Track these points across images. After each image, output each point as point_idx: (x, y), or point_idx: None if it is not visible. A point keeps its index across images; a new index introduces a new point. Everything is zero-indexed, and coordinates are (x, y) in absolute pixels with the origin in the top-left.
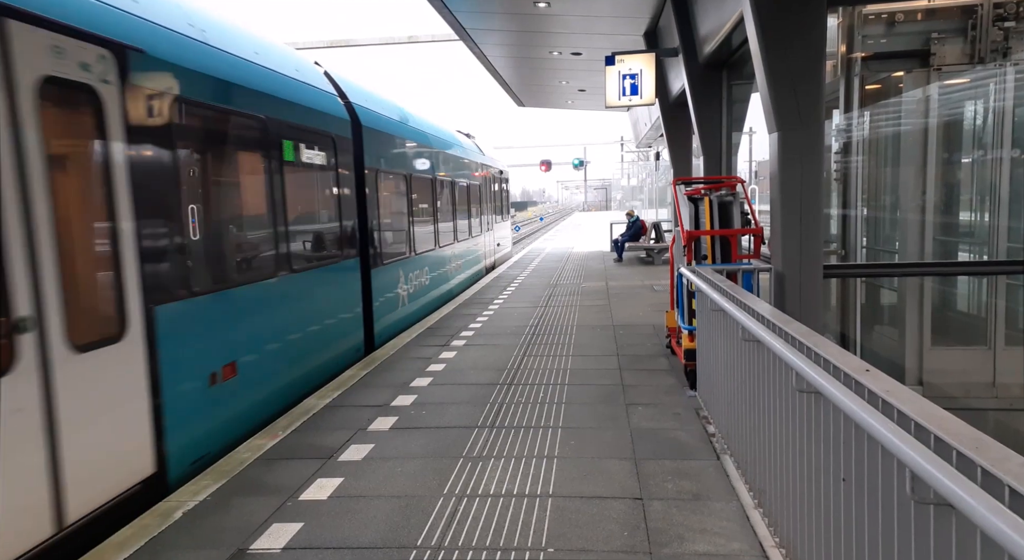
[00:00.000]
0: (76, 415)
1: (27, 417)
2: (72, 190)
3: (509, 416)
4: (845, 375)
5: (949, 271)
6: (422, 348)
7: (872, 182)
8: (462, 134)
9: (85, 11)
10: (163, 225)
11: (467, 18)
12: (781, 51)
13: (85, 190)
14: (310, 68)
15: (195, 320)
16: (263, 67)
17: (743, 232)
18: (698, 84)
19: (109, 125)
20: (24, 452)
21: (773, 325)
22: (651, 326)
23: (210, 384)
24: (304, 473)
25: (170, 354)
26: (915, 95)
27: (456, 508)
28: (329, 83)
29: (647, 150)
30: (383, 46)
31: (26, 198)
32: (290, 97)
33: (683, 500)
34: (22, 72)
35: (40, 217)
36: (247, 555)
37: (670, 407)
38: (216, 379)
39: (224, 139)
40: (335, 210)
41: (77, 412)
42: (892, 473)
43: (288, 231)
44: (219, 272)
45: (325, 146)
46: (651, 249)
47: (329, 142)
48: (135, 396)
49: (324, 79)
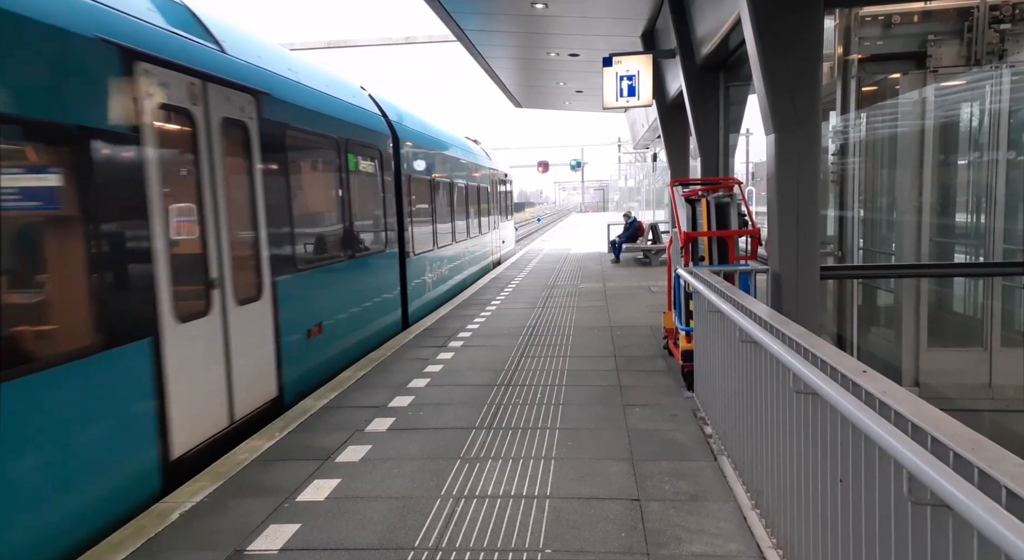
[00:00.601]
0: (238, 347)
1: (215, 344)
2: (236, 196)
3: (507, 417)
4: (842, 376)
5: (945, 272)
6: (420, 349)
7: (869, 184)
8: (470, 140)
9: (242, 70)
10: (281, 220)
11: (465, 19)
12: (778, 53)
13: (241, 196)
14: (361, 93)
15: (297, 289)
16: (334, 97)
17: (740, 233)
18: (695, 85)
19: (252, 150)
20: (214, 367)
21: (770, 326)
22: (648, 327)
23: (307, 337)
24: (301, 474)
25: (285, 313)
26: (911, 97)
27: (454, 509)
28: (373, 104)
29: (644, 151)
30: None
31: (216, 202)
32: (350, 120)
33: (680, 501)
34: (213, 115)
35: (222, 216)
36: (244, 556)
37: (667, 408)
38: (311, 334)
39: (312, 155)
40: (382, 209)
41: (239, 345)
42: (889, 474)
43: (351, 226)
44: (309, 255)
45: (374, 157)
46: (648, 250)
47: (376, 154)
48: (266, 340)
49: (370, 101)
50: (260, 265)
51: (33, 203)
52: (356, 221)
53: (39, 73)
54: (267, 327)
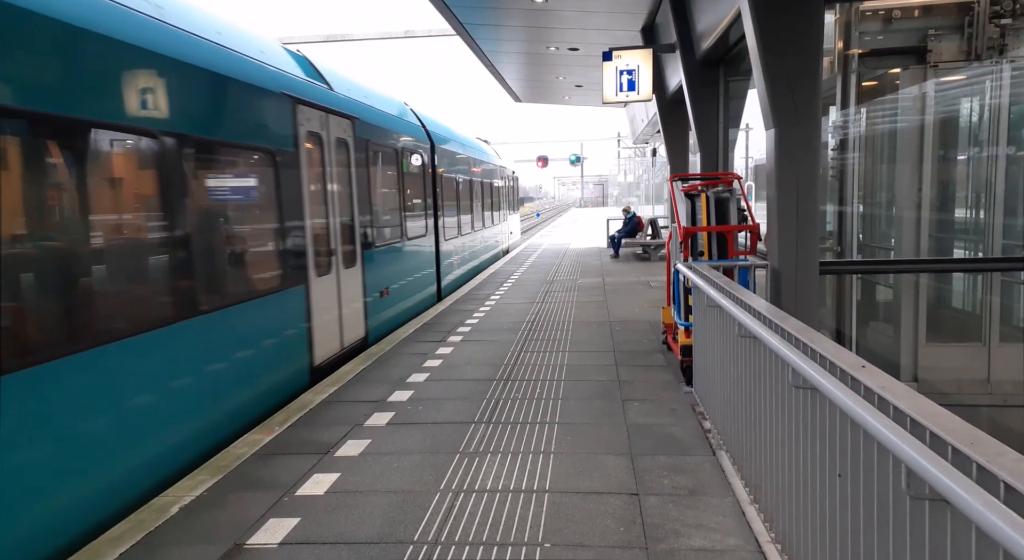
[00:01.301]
0: (345, 298)
1: (333, 294)
2: (342, 192)
3: (505, 412)
4: (841, 371)
5: (944, 268)
6: (419, 344)
7: (868, 179)
8: (482, 141)
9: (344, 103)
10: (366, 210)
11: (464, 13)
12: (778, 47)
13: (345, 192)
14: (407, 109)
15: (376, 261)
16: (393, 116)
17: (740, 228)
18: (695, 80)
19: (350, 159)
20: (332, 310)
21: (769, 321)
22: (647, 322)
23: (380, 297)
24: (301, 468)
25: (368, 277)
26: (911, 92)
27: (453, 503)
28: (415, 117)
29: (644, 146)
30: (380, 41)
31: (332, 196)
32: (404, 132)
33: (679, 496)
34: (332, 136)
35: (335, 206)
36: (243, 550)
37: (666, 403)
38: (382, 295)
39: (382, 161)
40: (423, 203)
41: (345, 297)
42: (888, 469)
43: (404, 215)
44: (382, 237)
45: (418, 161)
46: (648, 245)
47: (420, 158)
48: (359, 295)
49: (413, 115)
50: (355, 242)
51: (251, 196)
52: (408, 212)
53: (270, 121)
54: (359, 286)
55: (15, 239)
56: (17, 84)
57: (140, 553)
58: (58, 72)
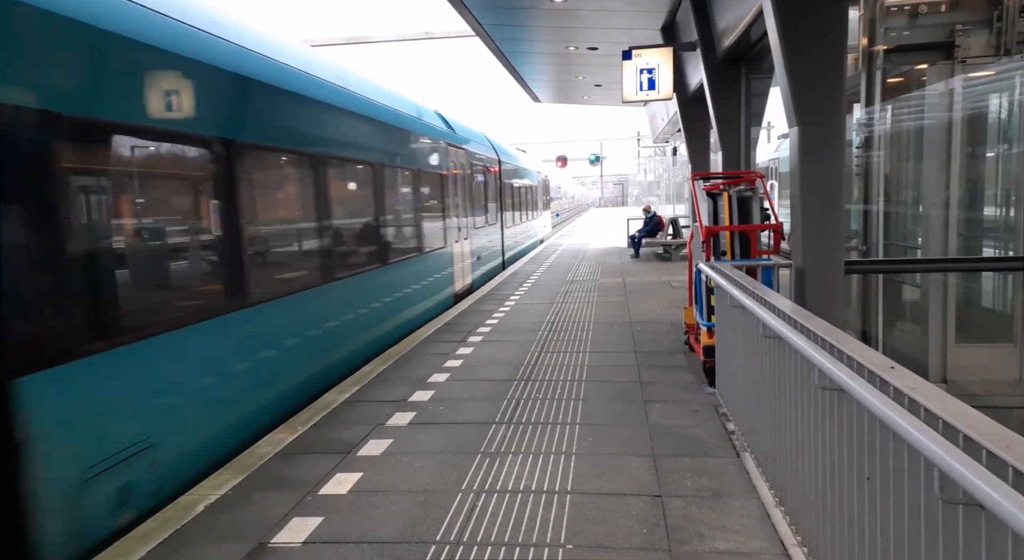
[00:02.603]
0: (464, 258)
1: (459, 255)
2: (463, 192)
3: (526, 412)
4: (869, 372)
5: (973, 267)
6: (439, 344)
7: (894, 177)
8: (521, 151)
9: (462, 140)
10: (470, 205)
11: (484, 14)
12: (801, 45)
13: (464, 192)
14: (484, 135)
15: (476, 236)
16: (479, 142)
17: (763, 228)
18: (716, 78)
19: (463, 174)
20: (459, 264)
21: (794, 321)
22: (669, 322)
23: (476, 260)
24: (323, 468)
25: (472, 247)
26: (938, 88)
27: (475, 504)
28: (488, 141)
29: (664, 145)
30: (399, 42)
31: (455, 201)
32: (487, 153)
33: (703, 497)
34: (456, 160)
35: (461, 200)
36: (268, 549)
37: (689, 404)
38: (478, 260)
39: (481, 173)
40: (497, 201)
41: (464, 257)
42: (919, 472)
43: (487, 209)
44: (475, 223)
45: (494, 172)
46: (669, 245)
47: (493, 170)
48: (469, 257)
49: (486, 139)
50: (467, 225)
51: (433, 198)
52: (489, 205)
53: (440, 157)
54: (469, 253)
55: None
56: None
57: (167, 550)
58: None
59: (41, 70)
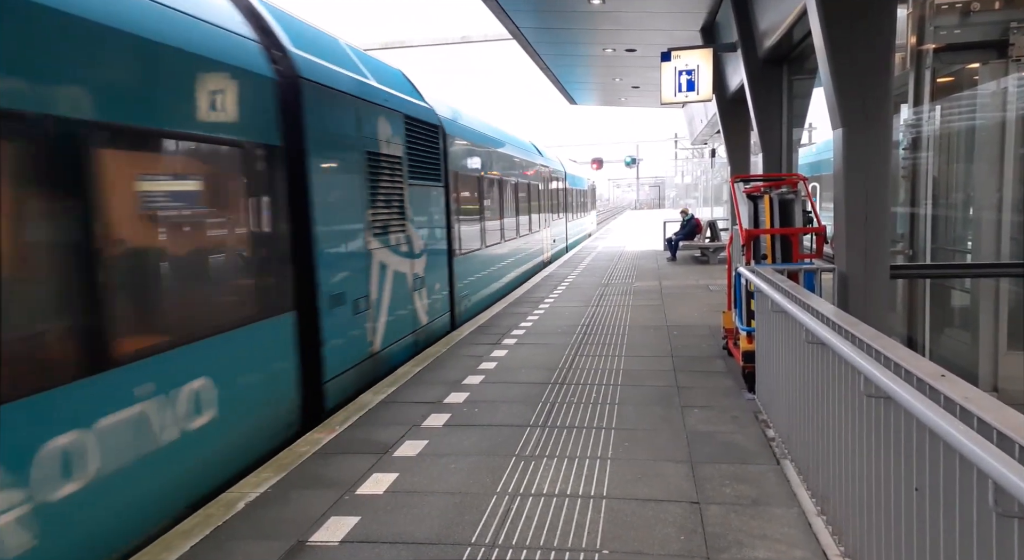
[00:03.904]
0: (546, 240)
1: (542, 237)
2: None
3: (561, 416)
4: (918, 380)
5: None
6: (474, 346)
7: (943, 179)
8: (572, 161)
9: (554, 163)
10: (549, 205)
11: (521, 17)
12: (847, 45)
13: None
14: (559, 162)
15: (555, 225)
16: (557, 163)
17: (805, 231)
18: (757, 79)
19: (564, 189)
20: (542, 243)
21: (839, 327)
22: (707, 327)
23: (553, 243)
24: (360, 467)
25: (551, 233)
26: (991, 88)
27: (510, 506)
28: (558, 159)
29: (702, 147)
30: (436, 46)
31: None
32: (557, 167)
33: (742, 505)
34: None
35: (545, 200)
36: (306, 547)
37: (727, 410)
38: (554, 242)
39: (557, 184)
40: (563, 202)
41: (546, 239)
42: (971, 484)
43: (557, 207)
44: (551, 218)
45: (562, 182)
46: (707, 248)
47: (561, 180)
48: (549, 240)
49: (559, 162)
50: (547, 219)
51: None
52: (558, 205)
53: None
54: (549, 237)
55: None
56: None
57: (209, 547)
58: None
59: None
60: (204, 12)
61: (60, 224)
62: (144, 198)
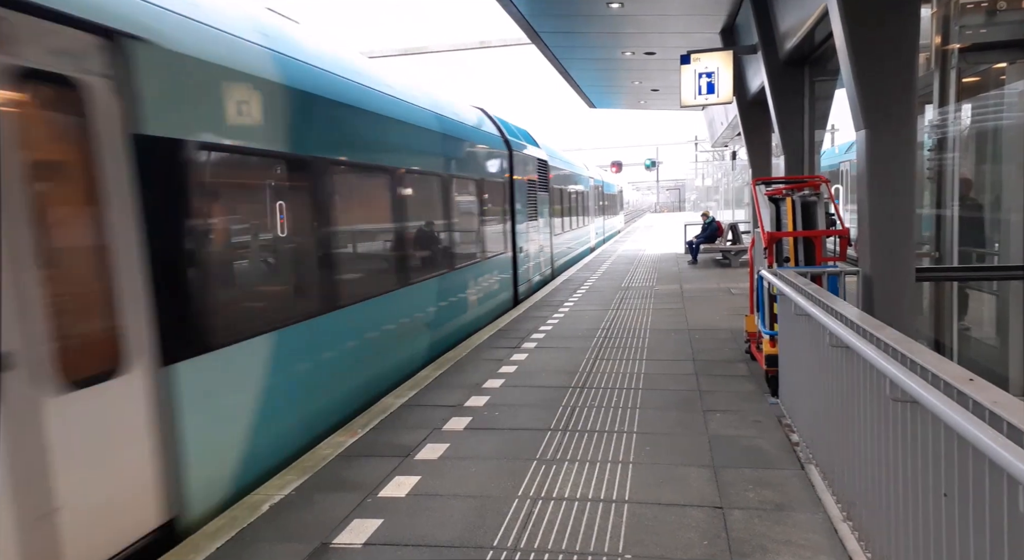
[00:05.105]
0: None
1: (594, 227)
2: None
3: (582, 420)
4: (945, 384)
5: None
6: (494, 350)
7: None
8: (603, 169)
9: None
10: (595, 207)
11: (540, 22)
12: (869, 46)
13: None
14: (607, 182)
15: (597, 225)
16: (595, 173)
17: (828, 233)
18: (778, 81)
19: (601, 194)
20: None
21: (864, 330)
22: (729, 330)
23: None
24: (382, 470)
25: (603, 227)
26: (1018, 87)
27: (531, 510)
28: (598, 168)
29: (723, 150)
30: (454, 52)
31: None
32: (606, 183)
33: (765, 510)
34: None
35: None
36: (330, 549)
37: (750, 414)
38: (593, 234)
39: (605, 193)
40: (601, 205)
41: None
42: (1002, 489)
43: (604, 209)
44: (589, 218)
45: (604, 192)
46: (728, 251)
47: (602, 190)
48: (601, 231)
49: (607, 181)
50: (601, 215)
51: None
52: (593, 207)
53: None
54: (601, 229)
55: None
56: None
57: (235, 548)
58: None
59: None
60: (488, 126)
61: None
62: (474, 203)
